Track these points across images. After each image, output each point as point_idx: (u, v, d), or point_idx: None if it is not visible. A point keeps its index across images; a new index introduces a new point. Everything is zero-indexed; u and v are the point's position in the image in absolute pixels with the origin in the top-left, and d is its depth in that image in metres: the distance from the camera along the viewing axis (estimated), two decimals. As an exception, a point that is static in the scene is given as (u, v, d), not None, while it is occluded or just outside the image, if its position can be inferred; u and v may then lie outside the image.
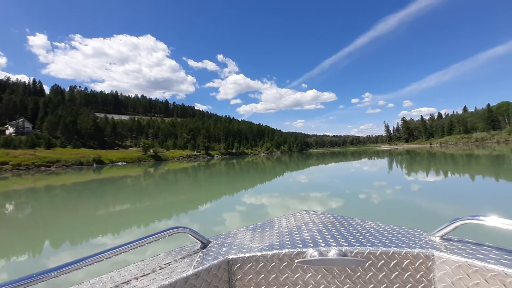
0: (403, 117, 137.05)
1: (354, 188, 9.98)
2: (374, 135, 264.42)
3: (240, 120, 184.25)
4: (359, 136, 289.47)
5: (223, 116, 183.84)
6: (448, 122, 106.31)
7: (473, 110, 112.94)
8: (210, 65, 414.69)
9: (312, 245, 1.00)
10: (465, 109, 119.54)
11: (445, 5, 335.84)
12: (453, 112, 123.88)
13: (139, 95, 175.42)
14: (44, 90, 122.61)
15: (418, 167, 18.07)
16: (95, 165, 52.52)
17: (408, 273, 0.91)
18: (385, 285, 0.92)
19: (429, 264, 0.90)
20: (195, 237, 1.11)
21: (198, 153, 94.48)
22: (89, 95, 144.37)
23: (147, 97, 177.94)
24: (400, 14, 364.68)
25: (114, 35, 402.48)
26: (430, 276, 0.90)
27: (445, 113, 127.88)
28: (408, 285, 0.90)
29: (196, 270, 0.88)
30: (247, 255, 0.97)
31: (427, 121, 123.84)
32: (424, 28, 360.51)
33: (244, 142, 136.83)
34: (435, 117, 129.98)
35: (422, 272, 0.90)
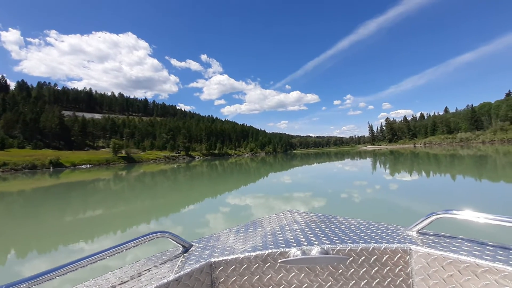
0: (387, 118, 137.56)
1: (337, 188, 9.98)
2: (356, 136, 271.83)
3: (223, 120, 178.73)
4: (342, 137, 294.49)
5: (206, 116, 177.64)
6: (431, 123, 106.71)
7: (454, 111, 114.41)
8: (193, 65, 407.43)
9: (295, 244, 1.01)
10: (446, 110, 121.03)
11: (420, 13, 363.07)
12: (434, 113, 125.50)
13: (116, 93, 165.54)
14: (8, 86, 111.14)
15: (399, 167, 18.37)
16: (51, 169, 45.48)
17: (387, 268, 0.94)
18: (365, 280, 0.94)
19: (407, 258, 0.93)
20: (176, 241, 1.09)
21: (177, 154, 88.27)
22: (59, 92, 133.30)
23: (125, 95, 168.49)
24: (379, 20, 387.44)
25: (93, 32, 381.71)
26: (408, 269, 0.93)
27: (427, 114, 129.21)
28: (388, 280, 0.93)
29: (177, 275, 0.86)
30: (230, 257, 0.96)
31: (410, 122, 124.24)
32: (402, 34, 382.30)
33: (228, 142, 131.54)
34: (417, 117, 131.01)
35: (401, 266, 0.93)
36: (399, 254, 0.94)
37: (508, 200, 6.05)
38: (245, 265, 0.95)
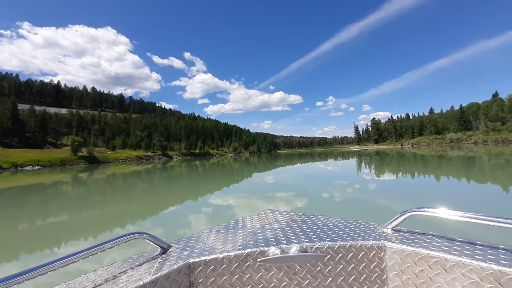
0: (373, 118, 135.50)
1: (319, 187, 10.17)
2: (339, 136, 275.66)
3: (206, 118, 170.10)
4: (325, 138, 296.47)
5: (188, 114, 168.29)
6: (418, 123, 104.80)
7: (439, 112, 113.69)
8: (176, 63, 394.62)
9: (274, 243, 1.01)
10: (431, 111, 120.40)
11: (399, 19, 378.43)
12: (418, 113, 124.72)
13: (89, 88, 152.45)
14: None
15: (381, 167, 18.40)
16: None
17: (363, 264, 0.96)
18: (342, 277, 0.96)
19: (382, 254, 0.96)
20: (154, 243, 1.06)
21: (152, 154, 79.70)
22: (20, 85, 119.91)
23: (98, 89, 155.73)
24: (360, 24, 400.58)
25: (69, 25, 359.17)
26: (383, 265, 0.96)
27: (412, 115, 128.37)
28: (363, 276, 0.96)
29: (154, 277, 0.84)
30: (209, 257, 0.95)
31: (396, 122, 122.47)
32: (381, 39, 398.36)
33: (209, 142, 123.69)
34: (401, 118, 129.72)
35: (376, 262, 0.96)
36: (374, 251, 0.96)
37: (481, 199, 6.27)
38: (224, 265, 0.95)
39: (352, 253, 0.97)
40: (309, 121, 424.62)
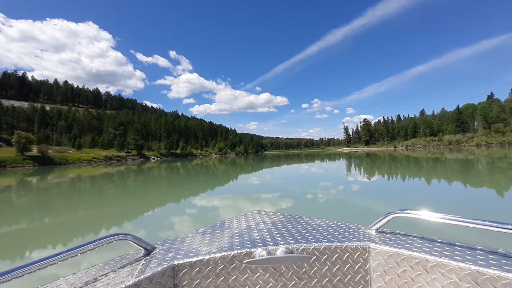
0: (365, 118, 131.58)
1: (307, 189, 10.15)
2: (326, 138, 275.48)
3: (190, 117, 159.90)
4: (312, 139, 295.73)
5: (171, 112, 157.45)
6: (412, 124, 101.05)
7: (430, 114, 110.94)
8: (161, 61, 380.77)
9: (261, 244, 1.00)
10: (422, 113, 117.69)
11: (381, 25, 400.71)
12: (408, 115, 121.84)
13: (61, 82, 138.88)
14: None
15: (370, 170, 18.03)
16: None
17: (348, 265, 0.97)
18: (327, 278, 0.96)
19: (366, 255, 0.97)
20: (138, 244, 1.04)
21: (126, 154, 70.23)
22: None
23: (70, 83, 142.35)
24: (345, 29, 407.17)
25: (48, 19, 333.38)
26: (367, 266, 0.97)
27: (403, 116, 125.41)
28: (348, 277, 0.97)
29: (136, 279, 0.82)
30: (194, 259, 0.94)
31: (389, 124, 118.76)
32: (365, 44, 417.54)
33: (193, 141, 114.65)
34: (395, 119, 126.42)
35: (360, 263, 0.97)
36: (359, 252, 0.97)
37: (469, 203, 6.34)
38: (210, 267, 0.93)
39: (337, 254, 0.97)
40: (295, 122, 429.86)
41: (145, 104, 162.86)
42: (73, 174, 25.65)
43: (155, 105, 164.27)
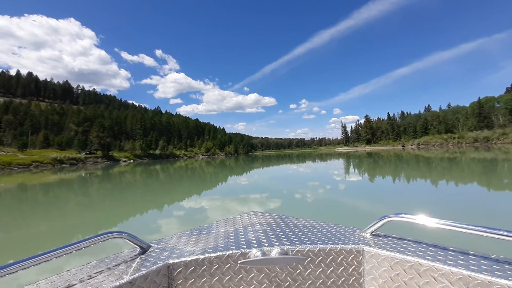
0: (366, 115, 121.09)
1: (302, 191, 9.94)
2: (318, 138, 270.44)
3: (174, 114, 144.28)
4: (304, 139, 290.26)
5: (153, 109, 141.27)
6: (422, 121, 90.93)
7: (436, 110, 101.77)
8: (147, 60, 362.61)
9: (256, 245, 1.01)
10: (428, 109, 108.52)
11: (367, 28, 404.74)
12: (409, 112, 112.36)
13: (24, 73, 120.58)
14: None
15: (368, 173, 17.01)
16: None
17: (342, 268, 0.97)
18: (321, 280, 0.97)
19: (360, 258, 0.97)
20: (133, 243, 1.03)
21: (87, 156, 55.48)
22: None
23: (34, 73, 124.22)
24: (331, 31, 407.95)
25: (26, 14, 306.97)
26: (361, 269, 0.97)
27: (407, 112, 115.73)
28: (342, 279, 0.97)
29: (131, 277, 0.82)
30: (189, 258, 0.94)
31: (394, 121, 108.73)
32: (350, 46, 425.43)
33: (176, 141, 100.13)
34: (397, 117, 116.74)
35: (354, 266, 0.97)
36: (353, 255, 0.98)
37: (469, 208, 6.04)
38: (205, 267, 0.94)
39: (331, 257, 0.98)
40: (283, 123, 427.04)
41: (125, 101, 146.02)
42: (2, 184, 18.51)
43: (137, 104, 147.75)
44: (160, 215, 6.91)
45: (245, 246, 1.00)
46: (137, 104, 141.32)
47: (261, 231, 1.18)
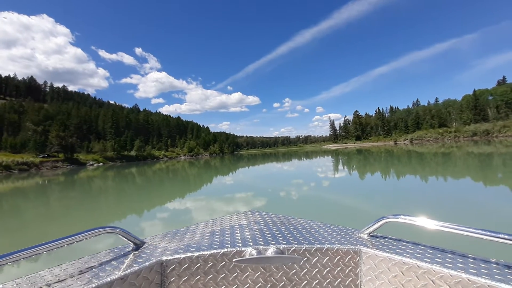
0: (356, 111, 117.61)
1: (299, 190, 9.72)
2: (303, 135, 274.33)
3: (154, 112, 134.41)
4: (289, 137, 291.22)
5: (131, 107, 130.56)
6: (414, 115, 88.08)
7: (425, 104, 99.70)
8: (127, 59, 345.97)
9: (251, 244, 0.99)
10: (416, 103, 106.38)
11: (347, 28, 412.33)
12: (396, 108, 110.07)
13: None
14: None
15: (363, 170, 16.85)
16: None
17: (338, 268, 0.96)
18: (317, 280, 0.95)
19: (357, 259, 0.96)
20: (127, 238, 1.01)
21: (43, 159, 46.83)
22: None
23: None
24: (313, 30, 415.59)
25: None
26: (357, 270, 0.96)
27: (395, 107, 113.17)
28: (338, 280, 0.95)
29: (123, 273, 0.80)
30: (183, 256, 0.92)
31: (384, 116, 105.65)
32: (332, 45, 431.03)
33: (155, 140, 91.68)
34: (386, 112, 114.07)
35: (351, 267, 0.96)
36: (350, 255, 0.96)
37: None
38: (199, 264, 0.92)
39: (328, 257, 0.96)
40: (267, 122, 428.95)
41: (99, 99, 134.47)
42: None
43: (112, 102, 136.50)
44: (148, 219, 6.39)
45: (240, 245, 0.99)
46: (112, 102, 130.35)
47: (257, 230, 1.16)
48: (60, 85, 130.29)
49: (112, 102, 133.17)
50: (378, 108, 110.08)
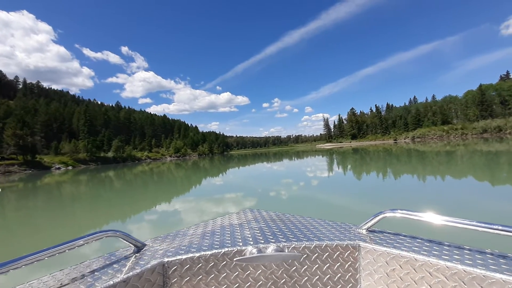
0: (352, 108, 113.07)
1: (297, 188, 9.77)
2: (294, 135, 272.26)
3: (138, 110, 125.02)
4: (280, 136, 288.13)
5: (112, 105, 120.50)
6: (414, 112, 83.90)
7: (422, 101, 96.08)
8: (112, 58, 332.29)
9: (252, 242, 1.00)
10: (414, 100, 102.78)
11: (335, 29, 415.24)
12: (392, 105, 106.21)
13: None
14: None
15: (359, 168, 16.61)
16: None
17: (338, 264, 0.98)
18: (317, 276, 0.97)
19: (356, 254, 0.98)
20: (128, 241, 1.02)
21: (-5, 163, 38.67)
22: None
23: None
24: (301, 31, 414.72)
25: None
26: (357, 265, 0.98)
27: (391, 105, 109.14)
28: (338, 275, 0.97)
29: (125, 276, 0.80)
30: (184, 256, 0.93)
31: (382, 114, 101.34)
32: (320, 46, 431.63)
33: (137, 140, 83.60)
34: (383, 110, 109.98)
35: (350, 262, 0.98)
36: (349, 251, 0.98)
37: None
38: (200, 264, 0.93)
39: (327, 253, 0.97)
40: (256, 122, 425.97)
41: (79, 97, 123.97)
42: None
43: (92, 99, 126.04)
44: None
45: (240, 244, 0.99)
46: (92, 99, 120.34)
47: (256, 228, 1.17)
48: (34, 81, 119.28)
49: (91, 99, 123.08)
50: (376, 105, 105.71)
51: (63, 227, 6.82)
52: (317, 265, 0.97)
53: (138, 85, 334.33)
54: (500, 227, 0.75)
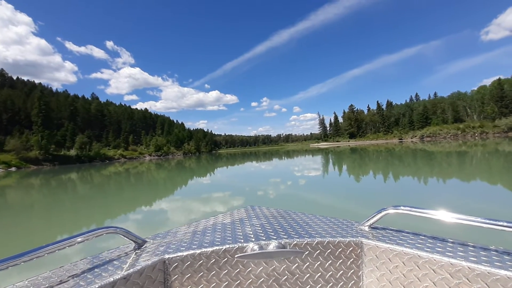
0: (351, 105, 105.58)
1: (297, 185, 9.73)
2: (284, 134, 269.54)
3: (117, 103, 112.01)
4: (270, 135, 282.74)
5: (88, 98, 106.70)
6: (422, 109, 77.13)
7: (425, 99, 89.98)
8: (97, 52, 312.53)
9: (253, 239, 1.00)
10: (414, 98, 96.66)
11: (324, 30, 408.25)
12: (394, 103, 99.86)
13: None
14: None
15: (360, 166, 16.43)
16: None
17: (340, 261, 0.97)
18: (320, 273, 0.96)
19: (358, 251, 0.97)
20: (128, 238, 1.01)
21: None
22: None
23: None
24: (290, 30, 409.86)
25: None
26: (359, 262, 0.97)
27: (394, 104, 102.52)
28: (340, 272, 0.96)
29: (126, 273, 0.79)
30: (185, 253, 0.92)
31: (384, 112, 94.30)
32: (308, 46, 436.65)
33: (112, 136, 72.26)
34: (383, 107, 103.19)
35: (352, 259, 0.97)
36: (352, 248, 0.97)
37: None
38: (201, 261, 0.92)
39: (330, 250, 0.97)
40: (245, 121, 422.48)
41: (50, 87, 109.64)
42: None
43: (65, 90, 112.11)
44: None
45: (242, 240, 0.98)
46: (64, 90, 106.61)
47: (258, 225, 1.16)
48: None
49: (60, 90, 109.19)
50: (378, 101, 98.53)
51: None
52: (319, 262, 0.96)
53: (123, 81, 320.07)
54: (505, 223, 0.74)
